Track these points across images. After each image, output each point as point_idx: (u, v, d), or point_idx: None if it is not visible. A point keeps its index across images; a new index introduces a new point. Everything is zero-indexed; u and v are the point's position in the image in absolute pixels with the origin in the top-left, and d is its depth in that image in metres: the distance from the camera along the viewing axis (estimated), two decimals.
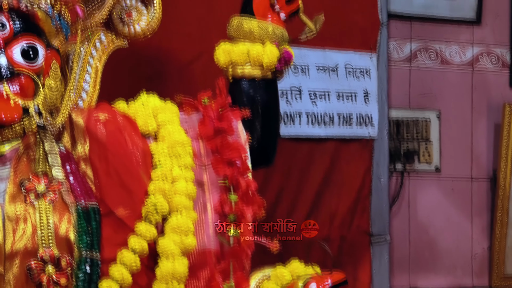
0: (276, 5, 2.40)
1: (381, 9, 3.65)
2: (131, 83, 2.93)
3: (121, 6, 2.35)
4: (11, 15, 2.03)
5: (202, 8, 3.25)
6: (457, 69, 3.96)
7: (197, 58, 3.21)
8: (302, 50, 3.35)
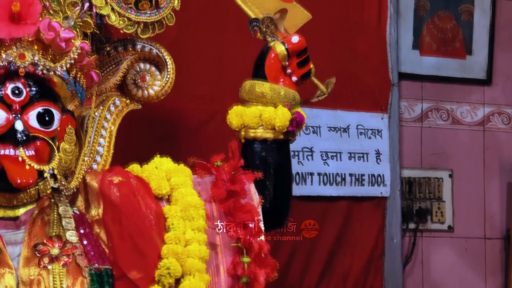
0: (288, 68, 2.43)
1: (392, 70, 3.69)
2: (145, 144, 2.96)
3: (135, 71, 2.39)
4: (28, 81, 2.06)
5: (215, 70, 3.29)
6: (468, 129, 3.97)
7: (210, 120, 3.24)
8: (313, 110, 3.38)
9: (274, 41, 2.42)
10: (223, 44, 3.33)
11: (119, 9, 2.23)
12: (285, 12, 2.47)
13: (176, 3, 2.31)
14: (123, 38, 2.37)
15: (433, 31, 3.91)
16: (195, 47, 3.27)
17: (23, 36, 2.02)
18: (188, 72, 3.07)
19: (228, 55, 3.33)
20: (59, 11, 2.12)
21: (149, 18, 2.27)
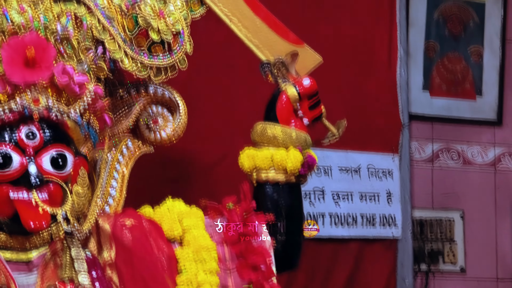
0: (299, 111, 2.44)
1: (402, 111, 3.71)
2: (156, 186, 2.97)
3: (147, 113, 2.41)
4: (41, 125, 2.08)
5: (226, 112, 3.31)
6: (479, 169, 3.97)
7: (221, 161, 3.25)
8: (324, 151, 3.39)
9: (285, 84, 2.44)
10: (234, 85, 3.35)
11: (132, 53, 2.25)
12: (296, 55, 2.49)
13: (188, 47, 2.32)
14: (136, 81, 2.39)
15: (443, 72, 3.93)
16: (207, 88, 3.29)
17: (37, 80, 2.04)
18: (199, 114, 3.09)
19: (239, 96, 3.35)
20: (73, 55, 2.15)
21: (162, 62, 2.29)
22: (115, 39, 2.23)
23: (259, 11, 2.47)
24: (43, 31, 2.09)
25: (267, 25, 2.48)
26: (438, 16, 3.90)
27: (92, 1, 2.22)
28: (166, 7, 2.27)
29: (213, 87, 3.31)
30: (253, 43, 2.47)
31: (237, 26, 2.46)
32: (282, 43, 2.49)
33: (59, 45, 2.12)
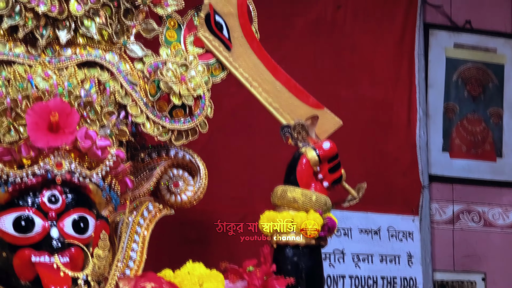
0: (319, 174, 2.45)
1: (422, 172, 3.71)
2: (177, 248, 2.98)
3: (168, 176, 2.42)
4: (64, 188, 2.10)
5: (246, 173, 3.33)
6: (500, 231, 3.94)
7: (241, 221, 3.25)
8: (344, 213, 3.39)
9: (305, 147, 2.45)
10: (254, 147, 3.38)
11: (154, 117, 2.28)
12: (316, 118, 2.51)
13: (209, 111, 2.35)
14: (157, 145, 2.42)
15: (463, 133, 3.93)
16: (227, 150, 3.31)
17: (61, 145, 2.06)
18: (219, 175, 3.10)
19: (259, 158, 3.37)
20: (96, 120, 2.17)
21: (183, 126, 2.31)
22: (138, 104, 2.27)
23: (279, 75, 2.50)
24: (67, 97, 2.13)
25: (287, 89, 2.51)
26: (457, 78, 3.92)
27: (115, 67, 2.26)
28: (188, 72, 2.30)
29: (233, 149, 3.34)
30: (273, 107, 2.50)
31: (257, 90, 2.48)
32: (302, 106, 2.51)
33: (82, 110, 2.15)
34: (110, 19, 2.28)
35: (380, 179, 3.54)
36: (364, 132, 3.59)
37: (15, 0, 2.14)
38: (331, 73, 3.60)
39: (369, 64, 3.71)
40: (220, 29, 2.44)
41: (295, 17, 3.61)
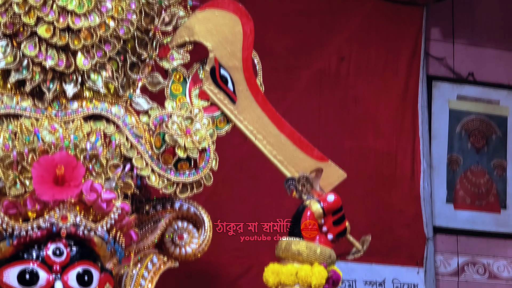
0: (324, 226, 2.45)
1: (426, 224, 3.70)
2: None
3: (173, 229, 2.42)
4: (69, 241, 2.10)
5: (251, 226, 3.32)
6: (505, 284, 3.92)
7: (245, 273, 3.25)
8: (349, 264, 3.37)
9: (310, 199, 2.46)
10: (258, 198, 3.38)
11: (159, 170, 2.29)
12: (321, 171, 2.51)
13: (214, 163, 2.36)
14: (162, 197, 2.42)
15: (467, 185, 3.93)
16: (231, 201, 3.32)
17: (66, 198, 2.07)
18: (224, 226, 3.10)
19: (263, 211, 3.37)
20: (101, 172, 2.18)
21: (188, 179, 2.32)
22: (143, 157, 2.28)
23: (284, 128, 2.52)
24: (73, 150, 2.14)
25: (292, 142, 2.52)
26: (460, 129, 3.94)
27: (121, 120, 2.28)
28: (193, 125, 2.32)
29: (238, 200, 3.34)
30: (278, 160, 2.51)
31: (262, 142, 2.49)
32: (306, 159, 2.52)
33: (88, 163, 2.16)
34: (116, 73, 2.30)
35: (384, 231, 3.53)
36: (368, 184, 3.59)
37: (22, 55, 2.16)
38: (335, 125, 3.62)
39: (372, 116, 3.73)
40: (225, 83, 2.46)
41: (299, 69, 3.64)
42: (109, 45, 2.25)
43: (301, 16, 3.63)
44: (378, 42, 3.80)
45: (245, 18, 2.44)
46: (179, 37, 2.41)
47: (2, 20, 2.13)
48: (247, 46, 2.45)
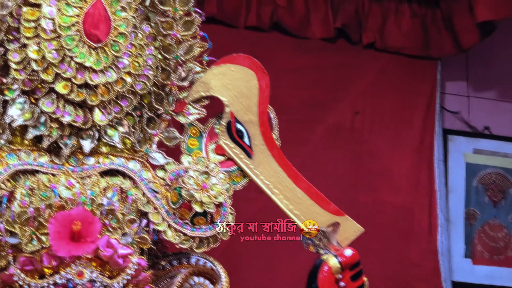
0: (341, 282, 2.42)
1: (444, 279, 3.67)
2: None
3: (189, 284, 2.40)
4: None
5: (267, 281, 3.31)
6: None
7: None
8: None
9: (327, 254, 2.44)
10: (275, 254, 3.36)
11: (175, 225, 2.29)
12: (338, 225, 2.50)
13: (230, 218, 2.36)
14: (178, 252, 2.41)
15: (485, 239, 3.91)
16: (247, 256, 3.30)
17: (82, 254, 2.06)
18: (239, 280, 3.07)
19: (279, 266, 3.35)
20: (117, 228, 2.18)
21: (204, 233, 2.31)
22: (159, 212, 2.28)
23: (300, 183, 2.51)
24: (89, 205, 2.14)
25: (308, 196, 2.51)
26: (477, 183, 3.92)
27: (137, 175, 2.28)
28: (209, 180, 2.32)
29: (253, 255, 3.32)
30: (294, 214, 2.50)
31: (278, 197, 2.49)
32: (323, 213, 2.51)
33: (104, 218, 2.16)
34: (133, 128, 2.31)
35: (402, 285, 3.50)
36: (385, 239, 3.57)
37: (40, 111, 2.18)
38: (350, 179, 3.61)
39: (388, 170, 3.73)
40: (241, 137, 2.46)
41: (314, 123, 3.65)
42: (126, 101, 2.27)
43: (315, 70, 3.66)
44: (392, 96, 3.82)
45: (261, 72, 2.45)
46: (195, 92, 2.42)
47: (21, 77, 2.15)
48: (263, 100, 2.46)
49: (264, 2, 3.52)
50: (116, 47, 2.20)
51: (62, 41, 2.13)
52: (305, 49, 3.64)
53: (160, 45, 2.34)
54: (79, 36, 2.15)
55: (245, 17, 3.50)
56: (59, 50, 2.13)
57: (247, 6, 3.50)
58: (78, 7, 2.15)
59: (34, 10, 2.14)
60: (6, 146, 2.18)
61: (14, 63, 2.14)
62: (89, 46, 2.16)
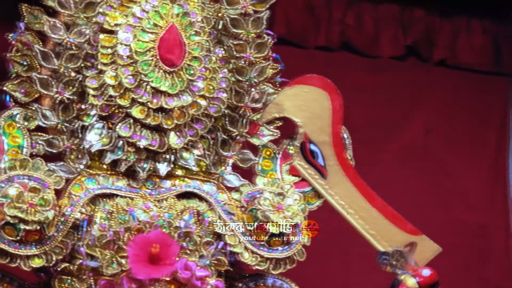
0: None
1: None
2: None
3: None
4: None
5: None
6: None
7: None
8: None
9: (404, 274, 2.41)
10: (349, 274, 3.33)
11: (251, 247, 2.30)
12: (415, 245, 2.47)
13: (306, 239, 2.36)
14: (255, 274, 2.41)
15: None
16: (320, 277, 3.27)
17: (161, 277, 2.08)
18: None
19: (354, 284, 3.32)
20: (195, 250, 2.20)
21: (281, 255, 2.32)
22: (235, 234, 2.29)
23: (375, 202, 2.49)
24: (167, 228, 2.17)
25: (384, 216, 2.49)
26: None
27: (213, 197, 2.30)
28: (284, 201, 2.32)
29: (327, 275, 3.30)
30: (370, 234, 2.48)
31: (354, 217, 2.48)
32: (399, 233, 2.49)
33: (181, 241, 2.18)
34: (207, 151, 2.34)
35: None
36: (461, 258, 3.51)
37: (117, 136, 2.21)
38: (425, 198, 3.57)
39: (462, 188, 3.67)
40: (315, 158, 2.46)
41: (386, 143, 3.62)
42: (200, 124, 2.29)
43: (386, 89, 3.63)
44: (465, 113, 3.76)
45: (334, 93, 2.45)
46: (268, 113, 2.43)
47: (98, 103, 2.19)
48: (337, 121, 2.46)
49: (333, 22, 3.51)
50: (190, 71, 2.22)
51: (138, 67, 2.17)
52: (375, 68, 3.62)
53: (233, 68, 2.36)
54: (155, 61, 2.18)
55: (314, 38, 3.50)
56: (135, 76, 2.17)
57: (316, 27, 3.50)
58: (153, 32, 2.18)
59: (111, 37, 2.18)
60: (85, 171, 2.22)
61: (92, 89, 2.18)
62: (164, 71, 2.19)
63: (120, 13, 2.19)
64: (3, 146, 2.14)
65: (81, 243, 2.14)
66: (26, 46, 2.19)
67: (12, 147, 2.15)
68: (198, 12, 2.24)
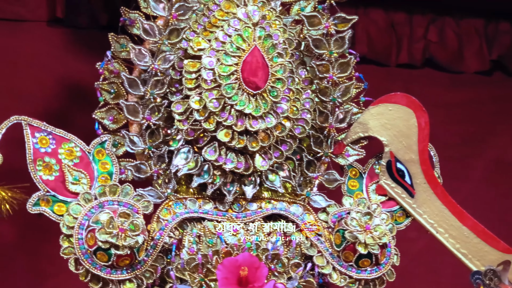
0: None
1: None
2: None
3: None
4: None
5: None
6: None
7: None
8: None
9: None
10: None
11: (340, 267, 2.28)
12: (508, 264, 2.42)
13: (395, 259, 2.33)
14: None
15: None
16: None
17: None
18: None
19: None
20: (283, 272, 2.20)
21: (370, 276, 2.29)
22: (323, 255, 2.28)
23: (465, 220, 2.45)
24: (255, 251, 2.17)
25: (476, 234, 2.44)
26: None
27: (299, 219, 2.30)
28: (372, 221, 2.30)
29: None
30: (461, 253, 2.43)
31: (444, 236, 2.44)
32: (492, 252, 2.43)
33: (270, 263, 2.18)
34: (293, 172, 2.34)
35: None
36: None
37: (203, 159, 2.23)
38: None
39: None
40: (402, 176, 2.43)
41: (474, 159, 3.56)
42: (285, 145, 2.29)
43: (472, 105, 3.57)
44: None
45: (419, 110, 2.42)
46: (353, 133, 2.41)
47: (184, 127, 2.21)
48: (423, 138, 2.43)
49: (415, 39, 3.47)
50: (274, 93, 2.23)
51: (222, 90, 2.18)
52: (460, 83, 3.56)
53: (316, 88, 2.36)
54: (238, 84, 2.19)
55: (397, 55, 3.47)
56: (220, 99, 2.19)
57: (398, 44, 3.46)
58: (237, 56, 2.19)
59: (195, 62, 2.21)
60: (172, 195, 2.25)
61: (178, 114, 2.21)
62: (248, 93, 2.20)
63: (204, 38, 2.21)
64: (94, 173, 2.18)
65: (171, 267, 2.16)
66: (113, 74, 2.24)
67: (102, 173, 2.19)
68: (280, 34, 2.24)
